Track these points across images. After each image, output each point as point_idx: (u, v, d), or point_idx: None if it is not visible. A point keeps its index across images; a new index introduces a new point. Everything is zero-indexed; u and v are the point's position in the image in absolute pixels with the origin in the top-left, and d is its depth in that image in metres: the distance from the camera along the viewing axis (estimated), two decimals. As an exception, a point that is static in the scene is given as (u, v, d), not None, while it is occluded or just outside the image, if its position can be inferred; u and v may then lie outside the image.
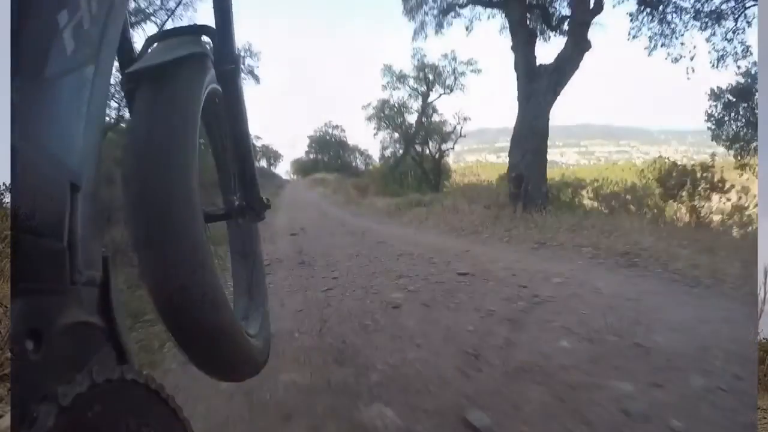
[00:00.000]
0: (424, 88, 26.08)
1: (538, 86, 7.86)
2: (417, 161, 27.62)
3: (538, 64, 8.32)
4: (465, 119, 26.75)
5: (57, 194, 0.45)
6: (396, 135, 28.26)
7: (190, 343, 0.77)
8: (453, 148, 27.95)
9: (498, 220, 6.79)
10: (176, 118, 0.72)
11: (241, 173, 1.20)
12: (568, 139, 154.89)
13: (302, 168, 39.09)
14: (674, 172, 7.69)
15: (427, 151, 27.37)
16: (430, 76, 25.74)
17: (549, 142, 8.22)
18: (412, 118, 27.30)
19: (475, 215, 7.74)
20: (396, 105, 27.18)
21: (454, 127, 26.94)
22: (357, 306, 2.64)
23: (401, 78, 26.28)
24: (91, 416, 0.41)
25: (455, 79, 25.36)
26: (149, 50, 0.87)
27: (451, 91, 25.45)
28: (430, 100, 26.29)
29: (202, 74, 0.83)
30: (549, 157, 8.35)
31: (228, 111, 1.10)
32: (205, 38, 0.96)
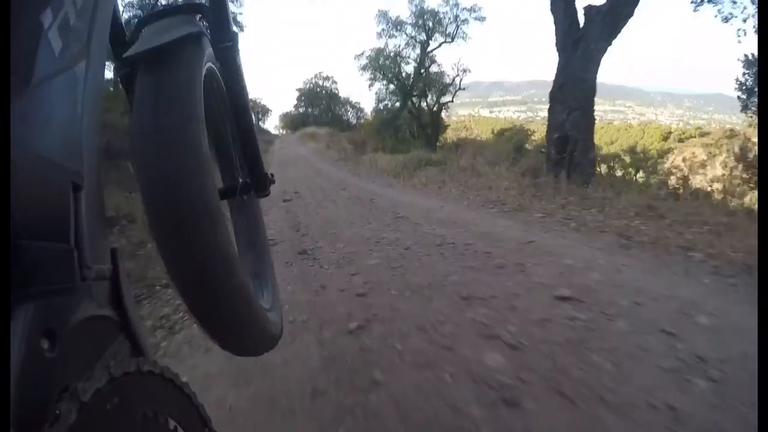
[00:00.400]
0: (423, 36, 23.95)
1: (590, 32, 6.39)
2: (414, 115, 25.95)
3: (587, 5, 6.82)
4: (464, 71, 24.99)
5: (60, 197, 0.45)
6: (392, 86, 26.30)
7: (209, 316, 0.74)
8: (452, 100, 26.30)
9: (540, 191, 5.56)
10: (183, 101, 0.68)
11: (244, 149, 1.20)
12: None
13: (291, 122, 36.65)
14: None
15: (425, 104, 25.67)
16: (430, 23, 23.56)
17: (543, 98, 6.89)
18: (409, 69, 25.32)
19: (505, 182, 6.50)
20: (392, 54, 25.03)
21: (453, 79, 25.20)
22: (428, 391, 1.42)
23: (398, 25, 24.03)
24: (110, 408, 0.41)
25: (457, 26, 23.28)
26: (143, 32, 0.80)
27: (453, 39, 23.40)
28: (429, 49, 24.23)
29: (201, 54, 0.80)
30: (542, 113, 7.05)
31: (228, 88, 1.05)
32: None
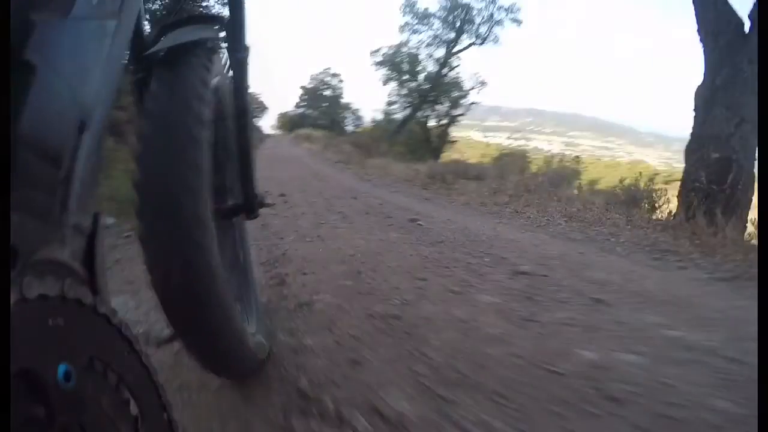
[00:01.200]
0: (451, 35, 21.50)
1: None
2: (422, 124, 23.62)
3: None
4: (482, 83, 22.78)
5: (64, 124, 0.44)
6: (404, 90, 23.84)
7: (189, 329, 0.74)
8: (464, 113, 24.06)
9: (698, 237, 3.17)
10: (194, 103, 0.71)
11: (241, 166, 1.13)
12: (558, 127, 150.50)
13: (288, 123, 34.11)
14: None
15: (434, 114, 23.41)
16: (459, 21, 21.11)
17: (537, 128, 4.57)
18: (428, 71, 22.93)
19: (611, 213, 4.17)
20: (413, 51, 22.56)
21: (467, 92, 22.97)
22: None
23: (425, 18, 21.56)
24: (51, 325, 0.35)
25: (490, 27, 20.85)
26: (164, 37, 0.82)
27: (483, 41, 20.95)
28: (455, 50, 21.79)
29: (214, 60, 0.82)
30: (533, 143, 4.69)
31: (234, 98, 1.05)
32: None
